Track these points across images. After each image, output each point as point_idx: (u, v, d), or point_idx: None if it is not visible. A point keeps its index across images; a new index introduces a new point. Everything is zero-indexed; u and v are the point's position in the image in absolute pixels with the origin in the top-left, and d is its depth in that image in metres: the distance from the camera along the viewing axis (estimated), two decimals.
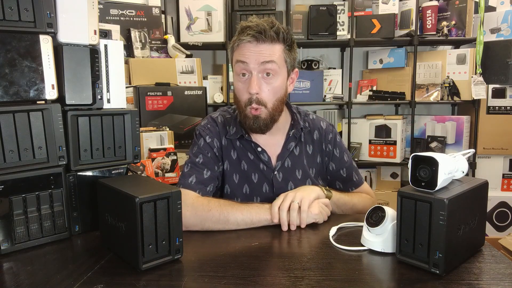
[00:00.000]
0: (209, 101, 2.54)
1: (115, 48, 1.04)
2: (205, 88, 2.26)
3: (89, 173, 1.01)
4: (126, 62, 2.10)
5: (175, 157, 1.75)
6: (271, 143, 1.21)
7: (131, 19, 2.26)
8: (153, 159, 1.69)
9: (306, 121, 1.26)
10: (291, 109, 1.25)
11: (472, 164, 2.53)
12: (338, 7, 2.54)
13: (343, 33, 2.59)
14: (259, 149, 1.19)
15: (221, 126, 1.22)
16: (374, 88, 2.71)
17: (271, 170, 1.19)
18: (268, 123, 1.13)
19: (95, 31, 0.97)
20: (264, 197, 1.19)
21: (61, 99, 0.94)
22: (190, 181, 1.11)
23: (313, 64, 2.69)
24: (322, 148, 1.26)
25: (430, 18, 2.50)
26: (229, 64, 2.55)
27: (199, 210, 1.02)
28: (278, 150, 1.21)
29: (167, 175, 1.73)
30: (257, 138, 1.20)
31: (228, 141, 1.21)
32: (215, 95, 2.57)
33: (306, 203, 1.03)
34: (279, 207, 1.03)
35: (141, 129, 1.78)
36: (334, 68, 2.77)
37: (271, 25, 1.08)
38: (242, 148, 1.20)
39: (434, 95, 2.60)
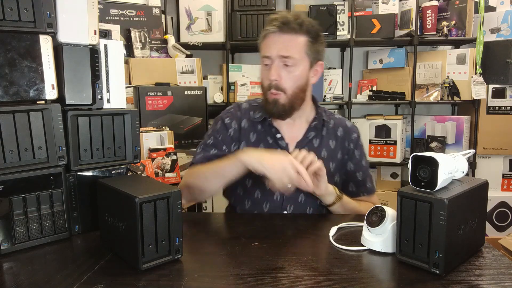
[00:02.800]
0: (209, 101, 2.54)
1: (115, 48, 1.04)
2: (205, 88, 2.26)
3: (89, 173, 1.01)
4: (126, 62, 2.10)
5: (175, 157, 1.75)
6: (293, 130, 1.25)
7: (131, 19, 2.26)
8: (153, 159, 1.69)
9: (331, 119, 1.30)
10: (316, 103, 1.29)
11: (472, 164, 2.53)
12: (338, 7, 2.54)
13: (343, 33, 2.59)
14: (279, 135, 1.23)
15: (244, 111, 1.29)
16: (374, 88, 2.71)
17: None
18: (286, 109, 1.18)
19: (95, 31, 0.97)
20: None
21: (61, 99, 0.94)
22: (197, 159, 1.24)
23: None
24: (345, 145, 1.28)
25: (430, 18, 2.50)
26: (229, 64, 2.55)
27: (188, 173, 1.22)
28: (298, 137, 1.24)
29: (167, 175, 1.73)
30: (280, 124, 1.24)
31: (249, 123, 1.26)
32: (215, 95, 2.57)
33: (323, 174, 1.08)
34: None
35: (141, 129, 1.77)
36: (334, 68, 2.77)
37: (296, 18, 1.15)
38: (263, 131, 1.24)
39: (434, 95, 2.60)
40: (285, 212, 1.21)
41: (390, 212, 0.88)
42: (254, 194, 1.22)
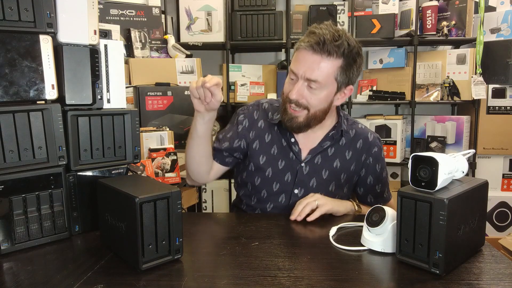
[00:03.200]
0: None
1: (115, 48, 1.04)
2: None
3: (89, 173, 1.01)
4: (126, 62, 2.10)
5: (175, 157, 1.75)
6: (309, 136, 1.23)
7: (131, 19, 2.26)
8: (153, 159, 1.69)
9: (353, 128, 1.26)
10: (339, 113, 1.26)
11: (472, 164, 2.53)
12: (338, 7, 2.54)
13: None
14: (293, 139, 1.22)
15: (263, 111, 1.28)
16: (374, 88, 2.71)
17: (299, 162, 1.21)
18: (301, 126, 1.15)
19: (95, 31, 0.97)
20: (283, 185, 1.22)
21: (61, 99, 0.94)
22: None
23: None
24: (361, 159, 1.25)
25: (430, 18, 2.50)
26: (229, 64, 2.55)
27: None
28: (313, 145, 1.23)
29: (167, 175, 1.73)
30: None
31: (266, 124, 1.25)
32: None
33: (323, 210, 1.09)
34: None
35: (141, 129, 1.77)
36: None
37: (335, 38, 1.05)
38: (279, 133, 1.24)
39: (434, 95, 2.60)
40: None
41: (390, 212, 0.88)
42: (261, 193, 1.23)
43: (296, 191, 1.21)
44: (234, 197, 1.42)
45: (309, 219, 1.07)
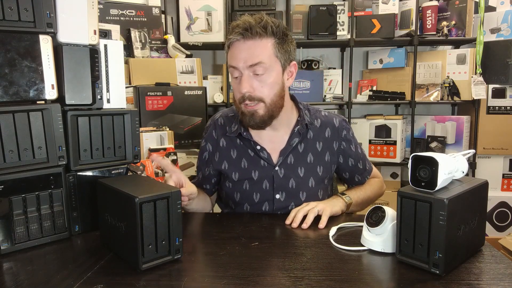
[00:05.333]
0: (209, 101, 2.54)
1: (115, 48, 1.04)
2: (205, 88, 2.26)
3: (89, 173, 1.01)
4: (126, 62, 2.10)
5: (175, 157, 1.74)
6: (275, 139, 1.20)
7: (131, 19, 2.26)
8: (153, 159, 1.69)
9: (318, 118, 1.24)
10: (298, 105, 1.23)
11: (472, 164, 2.53)
12: (338, 7, 2.54)
13: (343, 33, 2.59)
14: (258, 147, 1.19)
15: (220, 127, 1.26)
16: (374, 88, 2.71)
17: (272, 167, 1.19)
18: (265, 119, 1.12)
19: (95, 31, 0.97)
20: (264, 194, 1.20)
21: (61, 99, 0.94)
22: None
23: (313, 64, 2.68)
24: (333, 148, 1.23)
25: (430, 18, 2.50)
26: None
27: None
28: (281, 146, 1.20)
29: (167, 175, 1.73)
30: (261, 134, 1.20)
31: (228, 139, 1.23)
32: (215, 95, 2.57)
33: (327, 213, 1.08)
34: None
35: (141, 129, 1.77)
36: (334, 68, 2.77)
37: (258, 21, 1.08)
38: (243, 145, 1.21)
39: (434, 95, 2.60)
40: None
41: (390, 212, 0.88)
42: (244, 207, 1.23)
43: (277, 196, 1.19)
44: None
45: (304, 226, 1.03)
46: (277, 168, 1.19)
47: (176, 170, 1.09)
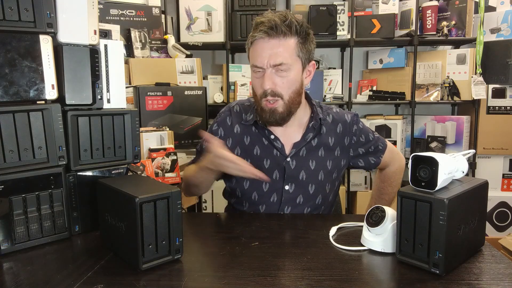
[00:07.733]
0: (209, 101, 2.54)
1: (115, 48, 1.04)
2: (205, 88, 2.26)
3: (89, 173, 1.01)
4: (126, 62, 2.10)
5: (175, 157, 1.74)
6: (288, 133, 1.22)
7: (131, 19, 2.26)
8: (153, 159, 1.69)
9: (330, 114, 1.26)
10: (311, 102, 1.25)
11: (472, 164, 2.53)
12: (338, 7, 2.54)
13: (343, 33, 2.59)
14: (272, 136, 1.21)
15: (236, 114, 1.27)
16: (374, 88, 2.71)
17: (284, 157, 1.20)
18: (284, 116, 1.15)
19: (95, 31, 0.97)
20: (273, 184, 1.20)
21: (61, 99, 0.94)
22: (192, 161, 1.34)
23: None
24: (344, 143, 1.25)
25: (430, 18, 2.50)
26: (229, 64, 2.55)
27: (183, 175, 1.36)
28: (294, 140, 1.22)
29: (167, 175, 1.73)
30: (274, 127, 1.21)
31: (243, 127, 1.24)
32: (215, 95, 2.57)
33: None
34: None
35: (141, 129, 1.77)
36: (334, 68, 2.77)
37: (283, 19, 1.08)
38: (257, 133, 1.23)
39: (434, 95, 2.60)
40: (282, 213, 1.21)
41: (390, 212, 0.88)
42: (252, 196, 1.22)
43: (287, 187, 1.20)
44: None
45: None
46: (288, 159, 1.20)
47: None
